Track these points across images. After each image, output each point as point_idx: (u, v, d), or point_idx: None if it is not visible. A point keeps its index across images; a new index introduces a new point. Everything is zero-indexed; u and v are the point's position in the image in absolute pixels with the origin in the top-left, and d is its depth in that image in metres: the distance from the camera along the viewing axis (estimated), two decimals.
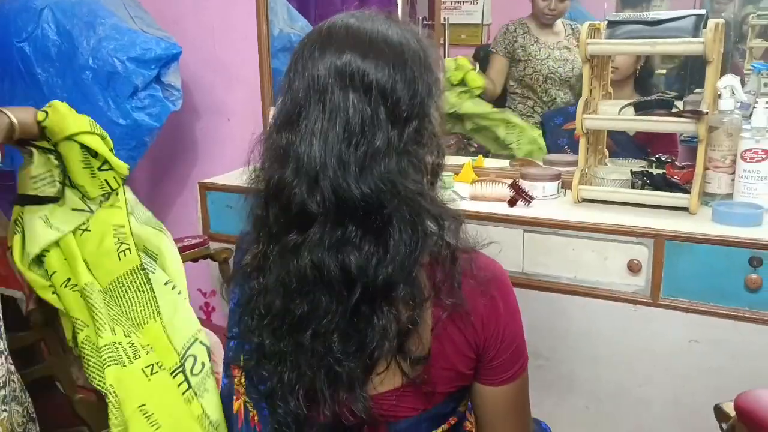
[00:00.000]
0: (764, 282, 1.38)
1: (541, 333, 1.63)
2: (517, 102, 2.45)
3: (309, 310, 0.79)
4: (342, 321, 0.78)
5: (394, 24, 0.83)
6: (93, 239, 1.23)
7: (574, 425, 1.67)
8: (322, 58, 0.79)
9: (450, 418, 0.90)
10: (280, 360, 0.82)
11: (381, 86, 0.77)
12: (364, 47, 0.78)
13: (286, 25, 2.30)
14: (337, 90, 0.77)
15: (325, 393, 0.80)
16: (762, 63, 2.80)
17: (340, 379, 0.79)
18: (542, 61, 2.31)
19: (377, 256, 0.77)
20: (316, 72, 0.78)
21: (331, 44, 0.79)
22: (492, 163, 2.13)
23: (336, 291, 0.78)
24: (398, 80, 0.78)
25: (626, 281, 1.54)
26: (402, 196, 0.78)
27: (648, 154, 1.96)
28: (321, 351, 0.79)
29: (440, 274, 0.81)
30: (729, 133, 1.58)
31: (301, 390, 0.81)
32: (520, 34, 2.34)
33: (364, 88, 0.77)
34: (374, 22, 0.82)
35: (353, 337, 0.79)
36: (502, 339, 0.86)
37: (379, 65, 0.78)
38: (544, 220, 1.62)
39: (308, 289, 0.79)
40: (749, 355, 1.43)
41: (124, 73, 1.96)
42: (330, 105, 0.77)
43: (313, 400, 0.81)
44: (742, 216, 1.49)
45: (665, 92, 1.96)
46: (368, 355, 0.79)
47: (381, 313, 0.78)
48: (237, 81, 2.37)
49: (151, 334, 1.18)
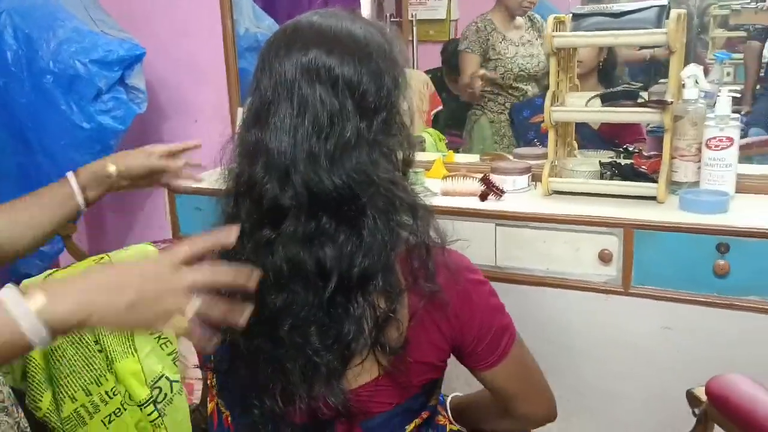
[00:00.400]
0: (732, 267, 1.40)
1: (515, 326, 1.63)
2: (488, 99, 2.45)
3: (286, 304, 0.79)
4: (318, 313, 0.79)
5: (359, 19, 0.84)
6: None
7: None
8: (289, 56, 0.79)
9: (422, 412, 0.90)
10: (254, 359, 0.82)
11: (347, 79, 0.78)
12: (329, 43, 0.79)
13: (252, 24, 2.28)
14: (305, 85, 0.78)
15: (300, 388, 0.79)
16: (724, 52, 2.85)
17: (317, 373, 0.79)
18: (511, 59, 2.32)
19: (352, 247, 0.78)
20: (283, 69, 0.79)
21: (296, 42, 0.80)
22: (462, 158, 2.14)
23: (312, 283, 0.78)
24: (364, 73, 0.79)
25: (598, 271, 1.55)
26: (375, 185, 0.79)
27: (616, 145, 1.98)
28: (299, 343, 0.79)
29: (416, 262, 0.82)
30: (694, 122, 1.60)
31: (276, 387, 0.80)
32: (490, 32, 2.34)
33: (330, 82, 0.78)
34: (338, 18, 0.83)
35: (331, 329, 0.79)
36: (479, 329, 0.87)
37: (344, 59, 0.78)
38: (516, 213, 1.63)
39: (284, 282, 0.79)
40: (720, 340, 1.45)
41: (86, 76, 1.93)
42: (298, 100, 0.78)
43: (288, 397, 0.81)
44: (709, 203, 1.51)
45: (631, 83, 1.99)
46: (345, 346, 0.79)
47: (357, 304, 0.79)
48: (204, 82, 2.34)
49: (126, 369, 1.36)
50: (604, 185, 1.69)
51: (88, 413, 1.32)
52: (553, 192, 1.73)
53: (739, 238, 1.39)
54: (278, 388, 0.80)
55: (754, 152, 2.09)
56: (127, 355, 1.37)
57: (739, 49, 2.93)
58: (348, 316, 0.79)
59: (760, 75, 2.79)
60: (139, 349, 1.39)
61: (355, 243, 0.78)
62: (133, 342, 1.39)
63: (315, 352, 0.79)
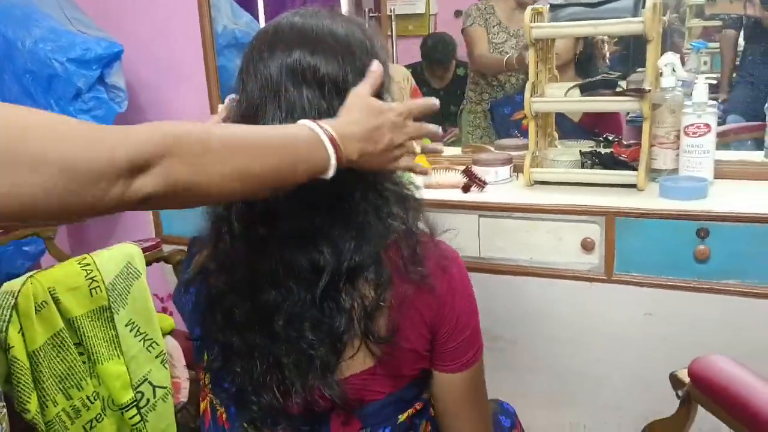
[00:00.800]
0: (712, 252, 1.42)
1: (500, 315, 1.64)
2: (470, 89, 2.45)
3: (280, 301, 0.80)
4: (312, 308, 0.80)
5: (338, 17, 0.85)
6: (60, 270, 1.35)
7: (537, 404, 1.69)
8: (272, 58, 0.80)
9: (415, 403, 0.91)
10: (250, 355, 0.82)
11: (333, 79, 0.79)
12: (312, 43, 0.80)
13: (230, 21, 2.27)
14: (291, 87, 0.79)
15: (296, 382, 0.80)
16: (701, 42, 2.88)
17: (312, 366, 0.80)
18: (498, 45, 2.31)
19: (348, 243, 0.79)
20: (268, 72, 0.80)
21: (279, 43, 0.81)
22: (444, 150, 2.14)
23: (305, 280, 0.79)
24: (349, 71, 0.81)
25: (581, 260, 1.57)
26: (367, 181, 0.81)
27: (596, 135, 2.00)
28: (294, 338, 0.80)
29: (406, 251, 0.83)
30: (672, 110, 1.61)
31: (273, 382, 0.81)
32: (488, 16, 2.33)
33: (317, 82, 0.79)
34: (318, 17, 0.83)
35: (323, 323, 0.80)
36: (456, 321, 0.87)
37: (328, 59, 0.79)
38: (498, 204, 1.64)
39: (279, 280, 0.80)
40: (701, 324, 1.47)
41: (64, 75, 1.91)
42: (285, 103, 0.79)
43: (285, 391, 0.81)
44: (688, 189, 1.53)
45: (609, 72, 2.01)
46: (338, 338, 0.80)
47: (347, 296, 0.80)
48: (183, 79, 2.33)
49: (110, 371, 1.36)
50: (585, 174, 1.71)
51: (69, 418, 1.30)
52: (535, 182, 1.74)
53: (719, 223, 1.41)
54: (275, 382, 0.81)
55: (731, 139, 2.12)
56: (111, 357, 1.36)
57: (715, 39, 2.97)
58: (339, 308, 0.80)
59: (735, 63, 2.83)
60: (124, 351, 1.38)
61: (351, 239, 0.79)
62: (119, 344, 1.38)
63: (309, 346, 0.80)
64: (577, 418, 1.68)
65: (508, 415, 1.25)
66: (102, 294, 1.35)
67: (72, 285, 1.31)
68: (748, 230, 1.39)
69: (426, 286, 0.83)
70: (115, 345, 1.38)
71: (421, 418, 0.93)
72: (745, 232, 1.40)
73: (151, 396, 1.44)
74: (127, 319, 1.41)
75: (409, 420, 0.90)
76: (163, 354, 1.49)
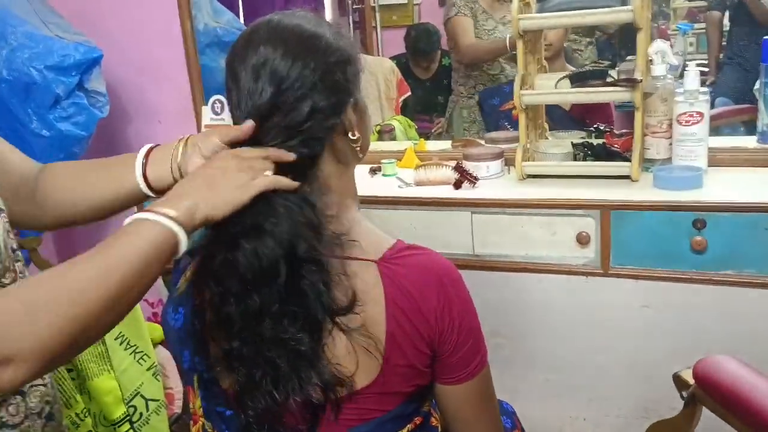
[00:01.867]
0: (708, 243, 1.41)
1: (497, 312, 1.63)
2: (459, 84, 2.42)
3: (260, 306, 0.78)
4: (285, 303, 0.78)
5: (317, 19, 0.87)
6: None
7: (536, 399, 1.68)
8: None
9: (415, 417, 0.89)
10: (241, 362, 0.80)
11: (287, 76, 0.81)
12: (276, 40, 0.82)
13: (211, 19, 2.22)
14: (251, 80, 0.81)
15: (291, 378, 0.78)
16: (686, 23, 2.87)
17: (301, 359, 0.78)
18: (489, 31, 2.27)
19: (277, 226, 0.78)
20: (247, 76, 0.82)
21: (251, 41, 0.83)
22: (434, 145, 2.12)
23: (268, 279, 0.77)
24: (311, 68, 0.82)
25: (576, 254, 1.55)
26: None
27: (587, 125, 1.98)
28: (283, 338, 0.78)
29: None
30: (663, 99, 1.59)
31: (268, 385, 0.79)
32: (474, 1, 2.28)
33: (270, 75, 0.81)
34: (294, 17, 0.85)
35: (298, 313, 0.78)
36: (458, 333, 0.85)
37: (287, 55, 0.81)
38: (491, 200, 1.62)
39: (251, 286, 0.78)
40: (699, 316, 1.46)
41: (42, 83, 1.86)
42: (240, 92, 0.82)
43: (281, 392, 0.79)
44: (683, 179, 1.51)
45: (598, 62, 1.98)
46: (312, 322, 0.78)
47: (303, 277, 0.78)
48: (165, 81, 2.29)
49: (101, 387, 1.33)
50: (578, 167, 1.69)
51: None
52: (527, 176, 1.72)
53: (715, 213, 1.40)
54: (269, 385, 0.79)
55: (722, 123, 2.11)
56: (102, 372, 1.33)
57: (701, 19, 2.96)
58: (303, 293, 0.78)
59: (722, 44, 2.82)
60: (115, 366, 1.36)
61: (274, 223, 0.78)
62: (110, 359, 1.35)
63: (295, 341, 0.78)
64: (577, 412, 1.68)
65: (508, 416, 1.25)
66: None
67: None
68: (745, 220, 1.38)
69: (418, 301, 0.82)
70: (105, 360, 1.36)
71: (422, 430, 0.92)
72: (742, 221, 1.39)
73: (144, 410, 1.42)
74: (117, 332, 1.38)
75: None
76: (155, 366, 1.46)
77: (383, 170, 1.90)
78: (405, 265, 0.83)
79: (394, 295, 0.81)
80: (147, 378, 1.43)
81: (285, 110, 0.81)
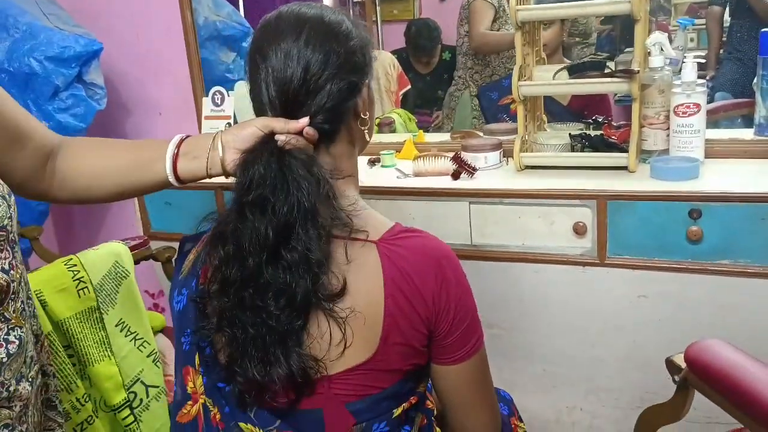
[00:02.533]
0: (704, 233, 1.42)
1: (494, 302, 1.64)
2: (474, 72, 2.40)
3: (253, 271, 0.81)
4: (267, 273, 0.80)
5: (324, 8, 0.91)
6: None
7: (533, 389, 1.69)
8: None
9: (410, 397, 0.90)
10: (237, 325, 0.82)
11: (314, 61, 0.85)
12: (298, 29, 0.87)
13: (211, 12, 2.23)
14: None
15: (276, 350, 0.80)
16: (687, 18, 2.86)
17: (277, 333, 0.80)
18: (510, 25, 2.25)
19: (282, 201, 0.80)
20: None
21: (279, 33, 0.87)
22: (433, 137, 2.12)
23: (260, 243, 0.80)
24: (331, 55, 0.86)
25: (573, 244, 1.56)
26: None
27: (585, 117, 1.98)
28: (274, 313, 0.80)
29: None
30: (661, 90, 1.60)
31: (256, 353, 0.81)
32: None
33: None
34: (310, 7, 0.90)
35: (285, 289, 0.80)
36: (454, 314, 0.86)
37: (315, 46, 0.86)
38: (489, 190, 1.62)
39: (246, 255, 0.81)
40: (695, 306, 1.46)
41: (42, 74, 1.87)
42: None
43: (267, 361, 0.81)
44: (679, 170, 1.51)
45: (597, 54, 1.99)
46: (293, 298, 0.80)
47: (291, 255, 0.80)
48: (166, 74, 2.30)
49: (101, 373, 1.34)
50: (576, 158, 1.69)
51: (61, 417, 1.29)
52: (525, 167, 1.73)
53: (711, 203, 1.40)
54: (255, 354, 0.81)
55: (721, 117, 2.11)
56: (102, 358, 1.34)
57: (702, 15, 2.95)
58: (289, 269, 0.80)
59: (722, 39, 2.82)
60: (115, 352, 1.37)
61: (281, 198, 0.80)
62: (109, 345, 1.36)
63: (272, 317, 0.80)
64: (574, 402, 1.68)
65: (506, 403, 1.26)
66: (90, 295, 1.33)
67: (59, 287, 1.29)
68: (741, 210, 1.39)
69: (415, 283, 0.84)
70: (106, 346, 1.36)
71: (417, 411, 0.93)
72: (738, 211, 1.39)
73: (144, 396, 1.42)
74: (117, 319, 1.39)
75: (404, 414, 0.89)
76: (155, 353, 1.47)
77: (382, 161, 1.91)
78: (404, 246, 0.85)
79: (393, 274, 0.83)
80: (147, 364, 1.44)
81: (315, 90, 0.85)
